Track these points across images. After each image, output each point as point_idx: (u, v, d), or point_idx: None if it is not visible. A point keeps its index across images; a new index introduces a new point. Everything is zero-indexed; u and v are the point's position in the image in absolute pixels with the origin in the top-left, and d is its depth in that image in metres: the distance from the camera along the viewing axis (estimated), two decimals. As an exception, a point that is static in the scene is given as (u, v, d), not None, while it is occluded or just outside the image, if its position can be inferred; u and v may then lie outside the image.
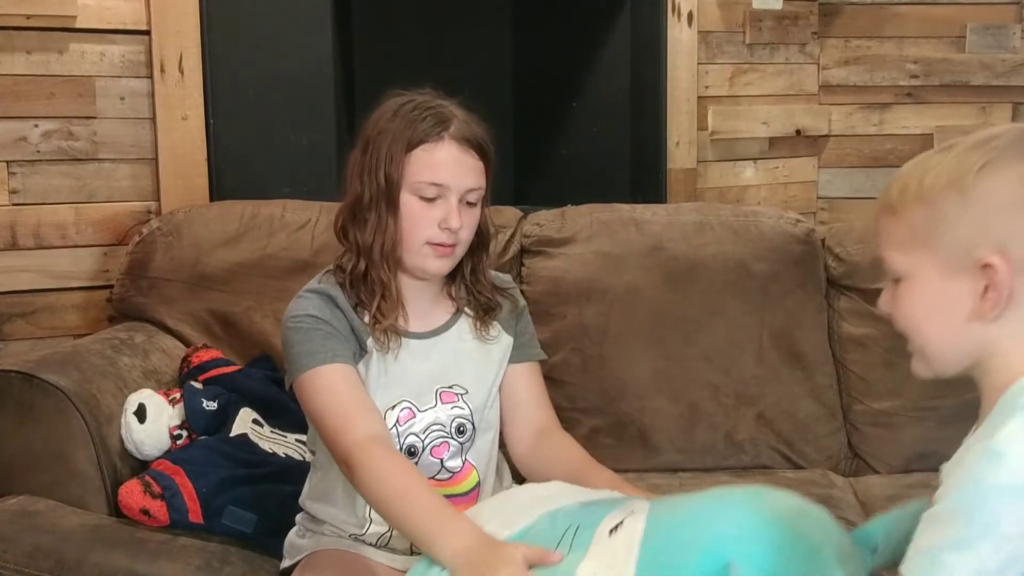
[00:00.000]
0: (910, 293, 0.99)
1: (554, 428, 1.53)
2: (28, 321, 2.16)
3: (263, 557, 1.54)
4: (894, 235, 0.99)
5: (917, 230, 0.97)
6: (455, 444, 1.42)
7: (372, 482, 1.28)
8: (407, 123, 1.38)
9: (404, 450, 1.40)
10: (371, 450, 1.28)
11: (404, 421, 1.40)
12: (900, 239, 0.99)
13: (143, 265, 2.06)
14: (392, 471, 1.27)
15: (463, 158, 1.38)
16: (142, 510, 1.59)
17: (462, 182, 1.38)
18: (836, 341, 2.04)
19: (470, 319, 1.48)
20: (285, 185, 2.21)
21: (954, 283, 0.96)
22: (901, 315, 1.01)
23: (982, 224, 0.94)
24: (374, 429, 1.32)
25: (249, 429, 1.79)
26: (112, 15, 2.15)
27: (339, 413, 1.32)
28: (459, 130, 1.39)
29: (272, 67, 2.25)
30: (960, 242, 0.95)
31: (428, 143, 1.37)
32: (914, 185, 0.98)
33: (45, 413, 1.63)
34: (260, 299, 2.01)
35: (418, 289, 1.45)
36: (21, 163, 2.12)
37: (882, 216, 1.01)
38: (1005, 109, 2.92)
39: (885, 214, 1.00)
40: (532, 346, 1.54)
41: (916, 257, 0.98)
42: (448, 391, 1.43)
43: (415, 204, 1.37)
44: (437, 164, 1.37)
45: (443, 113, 1.39)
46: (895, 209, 0.99)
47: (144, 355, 1.90)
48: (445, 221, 1.36)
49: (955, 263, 0.95)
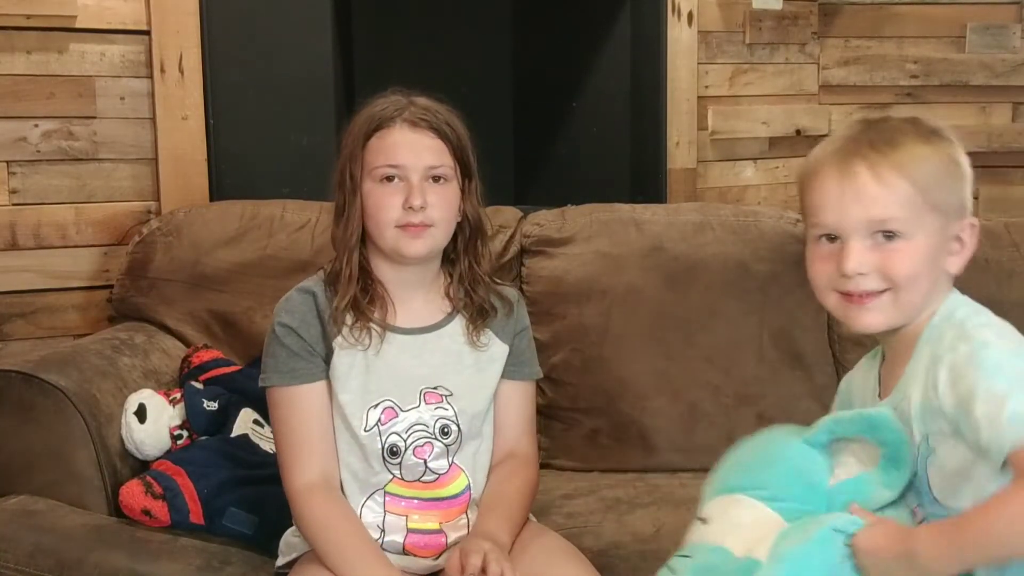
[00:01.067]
0: (912, 248, 1.10)
1: (519, 456, 1.49)
2: (28, 321, 2.16)
3: (263, 558, 1.54)
4: (897, 196, 1.09)
5: (926, 191, 1.10)
6: (439, 445, 1.41)
7: (308, 531, 1.38)
8: (365, 117, 1.42)
9: (386, 450, 1.40)
10: (308, 502, 1.37)
11: (386, 420, 1.40)
12: (904, 200, 1.10)
13: (143, 265, 2.06)
14: (325, 522, 1.36)
15: (418, 138, 1.40)
16: (143, 510, 1.59)
17: (419, 161, 1.39)
18: (836, 341, 2.04)
19: (465, 321, 1.47)
20: (285, 185, 2.21)
21: (949, 240, 1.13)
22: (900, 269, 1.10)
23: (967, 189, 1.14)
24: (312, 475, 1.38)
25: (250, 430, 1.79)
26: (112, 15, 2.15)
27: (284, 451, 1.41)
28: (413, 114, 1.41)
29: (272, 67, 2.25)
30: (958, 204, 1.13)
31: (382, 130, 1.40)
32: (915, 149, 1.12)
33: (45, 413, 1.63)
34: (260, 299, 2.01)
35: (408, 284, 1.45)
36: (21, 163, 2.12)
37: (874, 180, 1.10)
38: (1005, 109, 2.93)
39: (878, 178, 1.10)
40: (528, 364, 1.52)
41: (923, 216, 1.10)
42: (433, 392, 1.43)
43: (376, 189, 1.39)
44: (390, 147, 1.39)
45: (399, 101, 1.42)
46: (894, 172, 1.10)
47: (144, 355, 1.90)
48: (409, 199, 1.37)
49: (954, 222, 1.13)
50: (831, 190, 1.12)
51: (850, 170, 1.11)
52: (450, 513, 1.42)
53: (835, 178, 1.12)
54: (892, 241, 1.10)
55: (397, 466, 1.40)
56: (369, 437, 1.39)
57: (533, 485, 1.50)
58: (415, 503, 1.41)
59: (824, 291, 1.16)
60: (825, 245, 1.14)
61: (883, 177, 1.10)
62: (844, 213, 1.11)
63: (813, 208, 1.15)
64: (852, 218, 1.11)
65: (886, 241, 1.10)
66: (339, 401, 1.40)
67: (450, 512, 1.42)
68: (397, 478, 1.41)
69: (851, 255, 1.10)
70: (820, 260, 1.15)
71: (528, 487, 1.48)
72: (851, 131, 1.16)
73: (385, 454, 1.40)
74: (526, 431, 1.52)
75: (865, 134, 1.14)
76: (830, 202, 1.12)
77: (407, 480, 1.41)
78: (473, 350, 1.46)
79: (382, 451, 1.40)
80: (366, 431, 1.39)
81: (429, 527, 1.41)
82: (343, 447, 1.41)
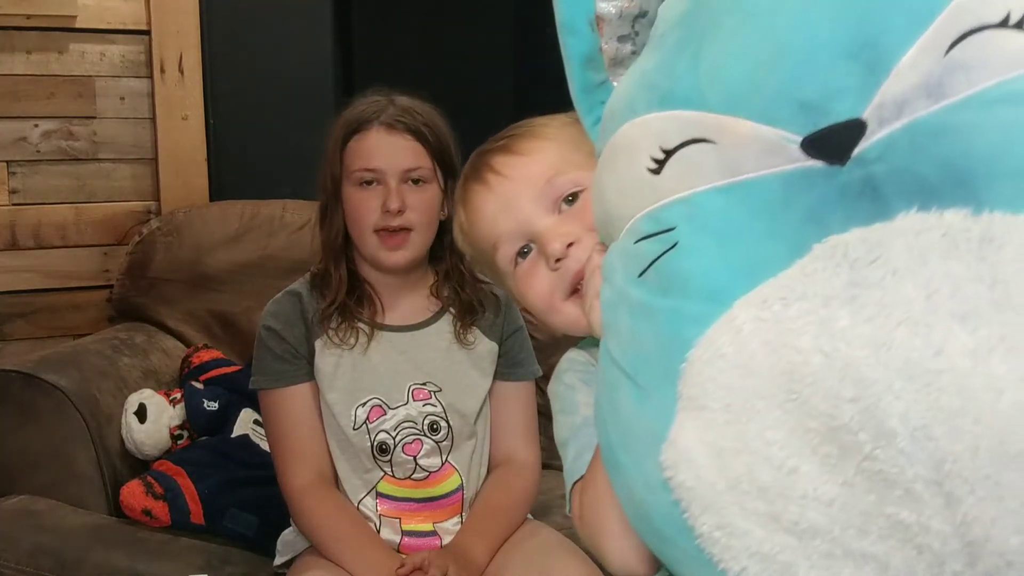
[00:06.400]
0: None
1: (516, 463, 1.48)
2: (28, 321, 2.16)
3: (264, 558, 1.54)
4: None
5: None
6: (429, 442, 1.41)
7: (307, 528, 1.40)
8: (344, 121, 1.41)
9: (375, 448, 1.40)
10: (304, 500, 1.39)
11: (374, 418, 1.40)
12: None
13: (143, 265, 2.06)
14: (323, 518, 1.38)
15: (394, 140, 1.39)
16: (144, 510, 1.59)
17: (396, 163, 1.38)
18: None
19: (452, 319, 1.47)
20: (285, 185, 2.21)
21: None
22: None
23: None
24: (307, 474, 1.40)
25: (250, 430, 1.79)
26: (112, 15, 2.15)
27: (277, 452, 1.43)
28: (389, 116, 1.39)
29: (272, 67, 2.25)
30: None
31: (359, 133, 1.39)
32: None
33: (45, 413, 1.63)
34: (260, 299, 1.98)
35: (394, 285, 1.45)
36: (21, 163, 2.12)
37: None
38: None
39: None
40: (523, 365, 1.51)
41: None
42: (420, 388, 1.43)
43: (356, 193, 1.39)
44: (367, 150, 1.39)
45: (378, 103, 1.41)
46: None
47: (144, 355, 1.90)
48: (385, 203, 1.37)
49: None
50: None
51: None
52: (442, 514, 1.42)
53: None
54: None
55: (387, 463, 1.40)
56: (358, 435, 1.40)
57: (527, 495, 1.48)
58: (407, 505, 1.41)
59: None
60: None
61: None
62: None
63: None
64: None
65: None
66: (326, 400, 1.41)
67: (442, 513, 1.42)
68: (388, 475, 1.41)
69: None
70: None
71: (520, 497, 1.47)
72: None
73: (375, 451, 1.40)
74: (524, 435, 1.50)
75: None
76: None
77: (398, 477, 1.41)
78: (461, 347, 1.46)
79: (371, 448, 1.40)
80: (354, 429, 1.40)
81: (423, 529, 1.42)
82: (334, 445, 1.42)
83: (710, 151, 0.62)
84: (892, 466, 0.54)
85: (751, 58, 0.60)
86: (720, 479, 0.60)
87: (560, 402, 0.90)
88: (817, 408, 0.56)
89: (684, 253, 0.62)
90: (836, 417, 0.55)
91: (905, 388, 0.54)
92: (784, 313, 0.57)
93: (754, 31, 0.61)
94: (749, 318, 0.58)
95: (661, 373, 0.63)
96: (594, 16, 0.72)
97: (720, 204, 0.61)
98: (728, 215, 0.61)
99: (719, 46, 0.62)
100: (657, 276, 0.64)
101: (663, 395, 0.62)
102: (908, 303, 0.54)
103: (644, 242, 0.65)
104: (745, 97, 0.60)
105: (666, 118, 0.64)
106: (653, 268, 0.64)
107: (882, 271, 0.55)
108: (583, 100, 0.75)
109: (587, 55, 0.73)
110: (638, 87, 0.68)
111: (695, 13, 0.65)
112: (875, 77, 0.57)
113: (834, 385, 0.55)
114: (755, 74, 0.60)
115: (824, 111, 0.58)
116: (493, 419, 1.49)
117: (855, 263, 0.56)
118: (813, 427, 0.56)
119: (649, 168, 0.65)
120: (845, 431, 0.55)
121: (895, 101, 0.57)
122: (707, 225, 0.61)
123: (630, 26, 0.72)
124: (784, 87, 0.59)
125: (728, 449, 0.59)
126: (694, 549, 0.62)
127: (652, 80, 0.66)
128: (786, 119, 0.59)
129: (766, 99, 0.60)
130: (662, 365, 0.63)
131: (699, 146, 0.62)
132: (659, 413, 0.63)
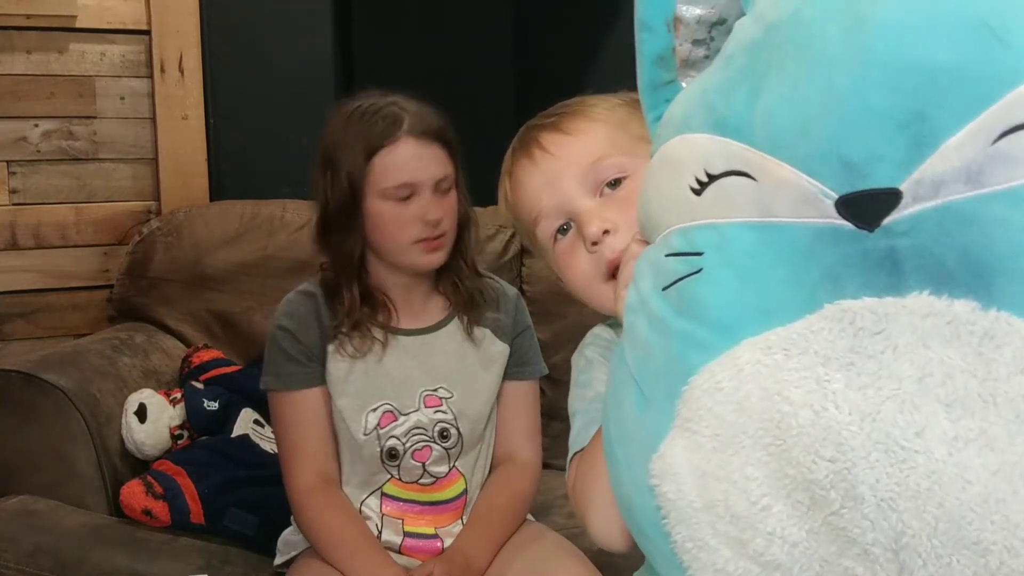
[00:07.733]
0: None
1: (517, 463, 1.48)
2: (28, 321, 2.16)
3: (264, 558, 1.54)
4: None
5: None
6: (439, 449, 1.41)
7: (308, 530, 1.39)
8: (361, 129, 1.36)
9: (384, 453, 1.40)
10: (308, 502, 1.38)
11: (385, 424, 1.40)
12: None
13: (143, 265, 2.06)
14: (325, 521, 1.37)
15: (424, 150, 1.36)
16: (144, 510, 1.58)
17: (429, 174, 1.36)
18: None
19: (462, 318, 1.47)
20: (285, 185, 2.21)
21: None
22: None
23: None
24: (312, 476, 1.39)
25: (250, 430, 1.79)
26: (112, 15, 2.15)
27: (284, 453, 1.42)
28: (413, 124, 1.36)
29: (272, 67, 2.25)
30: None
31: (386, 146, 1.35)
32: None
33: (45, 413, 1.63)
34: (260, 299, 2.01)
35: (406, 285, 1.44)
36: (21, 163, 2.12)
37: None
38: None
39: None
40: (531, 363, 1.51)
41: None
42: (432, 395, 1.42)
43: (391, 208, 1.36)
44: (401, 164, 1.35)
45: (394, 112, 1.37)
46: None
47: (144, 355, 1.90)
48: (425, 215, 1.35)
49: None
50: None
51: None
52: (445, 518, 1.42)
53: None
54: None
55: (395, 468, 1.40)
56: (367, 441, 1.39)
57: (527, 495, 1.48)
58: (410, 507, 1.42)
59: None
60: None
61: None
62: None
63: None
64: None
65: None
66: (337, 405, 1.40)
67: (445, 517, 1.43)
68: (395, 478, 1.41)
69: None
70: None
71: (520, 498, 1.46)
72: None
73: (383, 457, 1.40)
74: (526, 435, 1.50)
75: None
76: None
77: (404, 481, 1.41)
78: (473, 348, 1.46)
79: (380, 454, 1.40)
80: (364, 435, 1.39)
81: (425, 531, 1.42)
82: (342, 449, 1.42)
83: (749, 187, 0.63)
84: (855, 527, 0.58)
85: (805, 108, 0.61)
86: (699, 499, 0.64)
87: (578, 374, 0.97)
88: (797, 459, 0.59)
89: (706, 281, 0.65)
90: (812, 471, 0.59)
91: (881, 460, 0.57)
92: (785, 363, 0.60)
93: (813, 82, 0.61)
94: (752, 360, 0.61)
95: (664, 389, 0.66)
96: (672, 17, 0.73)
97: (748, 241, 0.63)
98: (753, 254, 0.63)
99: (778, 90, 0.63)
100: (678, 296, 0.67)
101: (662, 410, 0.66)
102: (901, 380, 0.57)
103: (673, 259, 0.68)
104: (792, 144, 0.61)
105: (716, 143, 0.66)
106: (676, 287, 0.67)
107: (883, 344, 0.58)
108: (649, 96, 0.77)
109: (659, 54, 0.74)
110: (697, 103, 0.69)
111: (763, 44, 0.65)
112: (920, 151, 0.58)
113: (816, 443, 0.59)
114: (806, 124, 0.61)
115: (864, 174, 0.59)
116: (498, 417, 1.49)
117: (860, 331, 0.59)
118: (791, 474, 0.60)
119: (692, 187, 0.67)
120: (818, 486, 0.59)
121: (934, 180, 0.57)
122: (732, 260, 0.64)
123: (707, 31, 0.73)
124: (830, 142, 0.60)
125: (711, 474, 0.63)
126: (669, 552, 0.67)
127: (711, 101, 0.68)
128: (827, 174, 0.60)
129: (811, 150, 0.61)
130: (666, 382, 0.66)
131: (740, 179, 0.64)
132: (656, 425, 0.67)
